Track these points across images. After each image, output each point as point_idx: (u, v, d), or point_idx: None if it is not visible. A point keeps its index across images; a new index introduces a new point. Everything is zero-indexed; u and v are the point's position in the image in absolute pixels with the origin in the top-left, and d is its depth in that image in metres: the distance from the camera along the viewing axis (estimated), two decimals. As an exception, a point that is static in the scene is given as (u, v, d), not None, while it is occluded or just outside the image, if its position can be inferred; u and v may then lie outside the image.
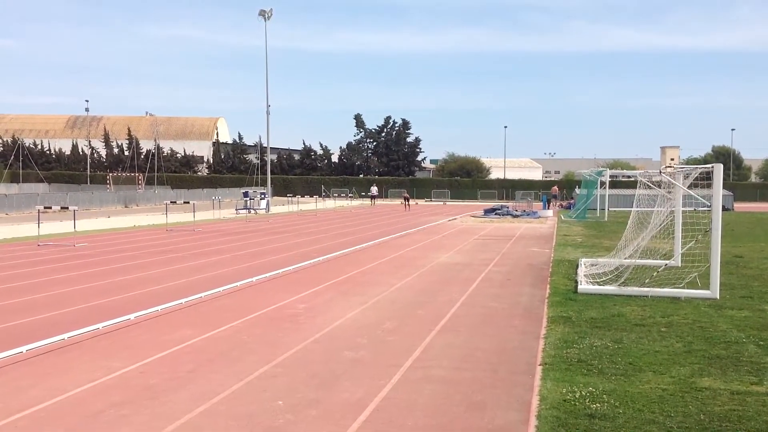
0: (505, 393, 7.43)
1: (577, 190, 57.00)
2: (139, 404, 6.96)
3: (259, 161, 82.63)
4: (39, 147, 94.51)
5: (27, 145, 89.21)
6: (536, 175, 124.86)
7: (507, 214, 42.33)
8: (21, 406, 6.85)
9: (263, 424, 6.45)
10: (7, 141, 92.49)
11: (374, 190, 66.55)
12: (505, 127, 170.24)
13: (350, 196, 67.76)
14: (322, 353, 9.07)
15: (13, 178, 79.94)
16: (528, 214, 42.60)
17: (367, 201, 66.82)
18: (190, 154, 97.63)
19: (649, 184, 17.91)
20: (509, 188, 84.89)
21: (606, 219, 39.85)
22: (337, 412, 6.77)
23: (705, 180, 14.74)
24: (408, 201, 58.40)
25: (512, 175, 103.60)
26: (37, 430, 6.25)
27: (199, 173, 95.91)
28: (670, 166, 16.25)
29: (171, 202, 36.46)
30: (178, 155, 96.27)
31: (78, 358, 8.74)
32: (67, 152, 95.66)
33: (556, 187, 69.14)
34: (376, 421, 6.54)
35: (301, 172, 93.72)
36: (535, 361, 8.65)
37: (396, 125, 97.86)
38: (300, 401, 7.09)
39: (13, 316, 11.21)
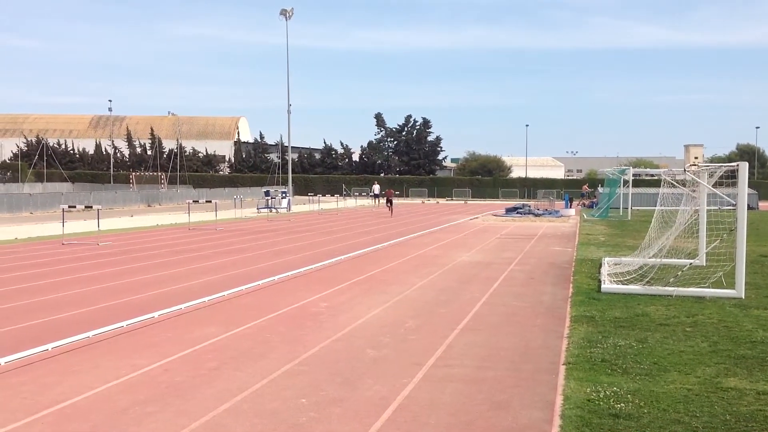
0: (529, 392, 7.40)
1: (600, 189, 56.65)
2: (164, 401, 7.01)
3: (280, 160, 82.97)
4: (63, 147, 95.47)
5: (51, 144, 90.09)
6: (558, 173, 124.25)
7: (529, 213, 42.16)
8: (47, 402, 6.92)
9: (287, 421, 6.47)
10: (31, 141, 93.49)
11: (377, 188, 65.42)
12: (527, 125, 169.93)
13: (371, 196, 67.69)
14: (345, 351, 9.08)
15: (38, 178, 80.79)
16: (550, 213, 42.40)
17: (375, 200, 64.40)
18: (212, 153, 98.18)
19: (673, 182, 17.75)
20: (531, 187, 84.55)
21: (629, 218, 39.58)
22: (360, 410, 6.77)
23: (729, 178, 14.59)
24: (392, 203, 45.58)
25: (534, 173, 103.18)
26: (64, 426, 6.31)
27: (220, 172, 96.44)
28: (695, 165, 16.11)
29: (193, 201, 36.68)
30: (199, 154, 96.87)
31: (103, 355, 8.82)
32: (91, 152, 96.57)
33: (587, 186, 68.79)
34: (399, 419, 6.54)
35: (321, 171, 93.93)
36: (559, 360, 8.61)
37: (417, 124, 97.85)
38: (323, 399, 7.11)
39: (39, 313, 11.33)
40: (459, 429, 6.33)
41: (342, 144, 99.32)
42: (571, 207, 48.41)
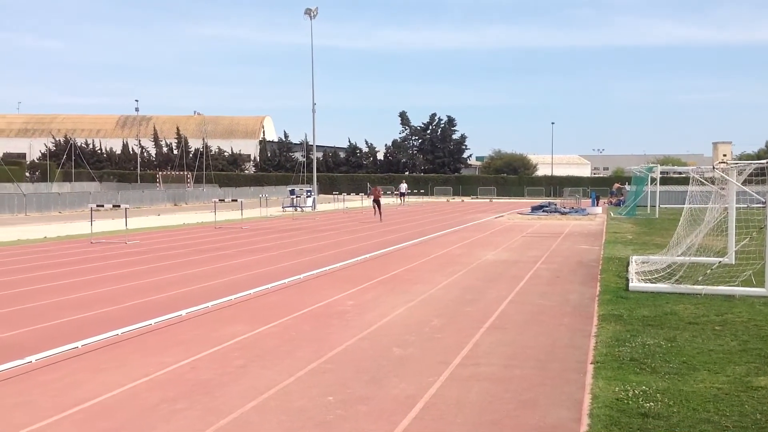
0: (556, 391, 7.36)
1: (626, 187, 56.17)
2: (192, 399, 7.05)
3: (305, 159, 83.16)
4: (90, 146, 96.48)
5: (79, 144, 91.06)
6: (584, 171, 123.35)
7: (555, 212, 41.88)
8: (77, 399, 6.99)
9: (314, 419, 6.48)
10: (59, 140, 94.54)
11: (403, 187, 65.49)
12: (553, 123, 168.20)
13: (398, 194, 67.61)
14: (371, 350, 9.08)
15: (66, 177, 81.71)
16: (576, 211, 42.10)
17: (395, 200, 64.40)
18: (237, 152, 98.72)
19: (701, 180, 17.56)
20: (557, 185, 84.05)
21: (656, 216, 39.21)
22: (387, 409, 6.77)
23: (759, 176, 14.41)
24: (379, 205, 38.09)
25: (560, 171, 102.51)
26: (93, 424, 6.37)
27: (245, 171, 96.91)
28: (724, 162, 15.89)
29: (219, 200, 36.94)
30: (225, 154, 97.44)
31: (131, 353, 8.90)
32: (118, 151, 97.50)
33: (618, 184, 68.29)
34: (426, 417, 6.53)
35: (346, 170, 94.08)
36: (586, 359, 8.55)
37: (441, 122, 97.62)
38: (350, 397, 7.12)
39: (69, 311, 11.46)
40: (486, 428, 6.30)
41: (367, 143, 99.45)
42: (598, 205, 48.03)
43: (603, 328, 10.12)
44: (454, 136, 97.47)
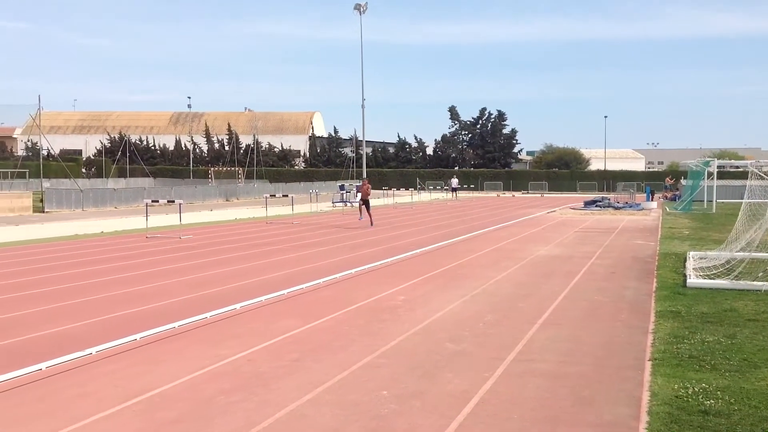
0: (614, 388, 7.25)
1: (682, 181, 55.08)
2: (248, 391, 7.13)
3: (354, 154, 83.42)
4: (144, 143, 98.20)
5: (133, 141, 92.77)
6: (638, 166, 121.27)
7: (608, 206, 41.26)
8: (137, 390, 7.12)
9: (369, 413, 6.50)
10: (114, 137, 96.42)
11: (455, 182, 65.23)
12: (605, 117, 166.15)
13: (446, 189, 67.39)
14: (424, 345, 9.07)
15: (121, 173, 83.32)
16: (630, 206, 41.41)
17: (447, 194, 64.17)
18: (287, 148, 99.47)
19: (761, 174, 17.12)
20: (610, 180, 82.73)
21: (713, 211, 38.36)
22: (441, 404, 6.75)
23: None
24: (368, 205, 29.31)
25: (613, 166, 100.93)
26: (153, 414, 6.48)
27: (295, 167, 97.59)
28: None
29: (270, 196, 37.21)
30: (275, 149, 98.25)
31: (188, 345, 9.03)
32: (171, 147, 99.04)
33: (670, 178, 67.11)
34: (481, 413, 6.49)
35: (395, 165, 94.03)
36: (644, 356, 8.41)
37: (491, 117, 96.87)
38: (404, 392, 7.11)
39: (127, 304, 11.69)
40: (543, 424, 6.24)
41: (416, 138, 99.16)
42: (652, 200, 47.19)
43: (660, 325, 9.95)
44: (505, 131, 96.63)
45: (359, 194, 27.81)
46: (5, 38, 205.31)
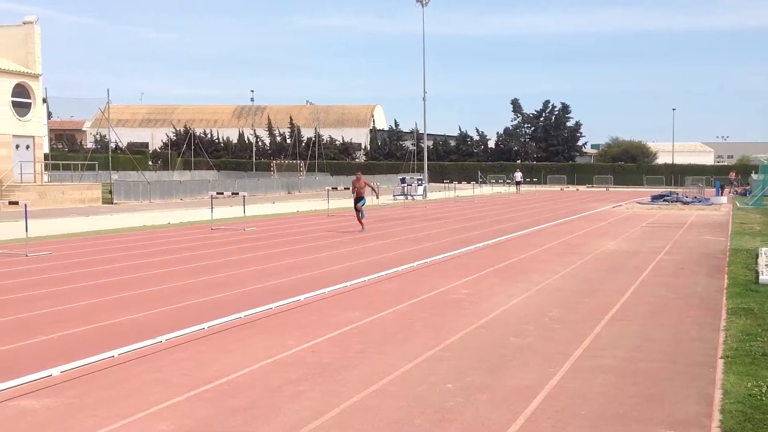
0: (685, 385, 7.08)
1: (753, 176, 53.46)
2: (314, 381, 7.19)
3: (415, 148, 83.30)
4: (208, 136, 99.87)
5: (197, 134, 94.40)
6: (707, 159, 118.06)
7: (676, 201, 40.33)
8: (207, 378, 7.25)
9: (434, 405, 6.48)
10: (179, 130, 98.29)
11: (518, 175, 64.49)
12: (674, 109, 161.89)
13: (508, 182, 66.75)
14: (488, 339, 9.01)
15: (186, 166, 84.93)
16: (699, 201, 40.40)
17: (509, 188, 63.53)
18: (348, 141, 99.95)
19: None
20: (678, 174, 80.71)
21: (786, 206, 37.16)
22: (507, 398, 6.69)
23: None
24: (360, 210, 23.58)
25: (681, 159, 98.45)
26: (224, 401, 6.59)
27: (356, 160, 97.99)
28: None
29: (332, 188, 37.48)
30: (336, 142, 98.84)
31: (254, 335, 9.16)
32: (234, 140, 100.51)
33: (734, 172, 65.27)
34: (548, 408, 6.41)
35: (456, 158, 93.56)
36: (716, 353, 8.19)
37: (555, 109, 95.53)
38: (469, 385, 7.08)
39: (194, 294, 11.91)
40: (612, 421, 6.13)
41: (477, 131, 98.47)
42: (722, 194, 45.94)
43: (732, 322, 9.68)
44: (569, 124, 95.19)
45: (355, 193, 23.40)
46: (76, 33, 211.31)
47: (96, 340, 8.76)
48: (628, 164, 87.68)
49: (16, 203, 21.36)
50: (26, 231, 18.02)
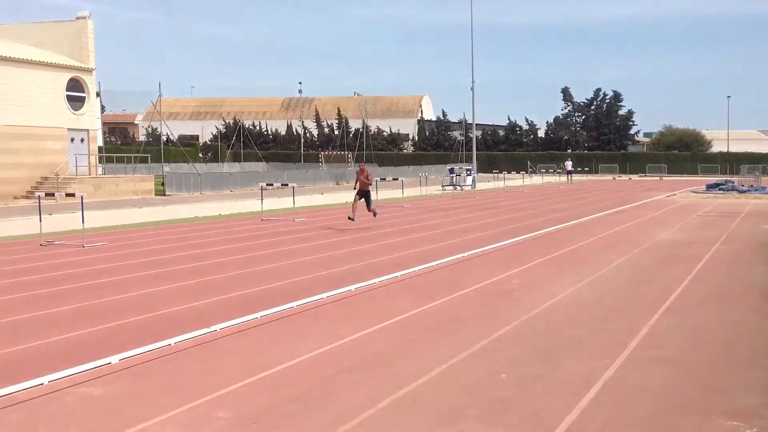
0: (744, 376, 6.94)
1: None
2: (367, 370, 7.22)
3: (463, 138, 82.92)
4: (257, 128, 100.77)
5: (246, 126, 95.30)
6: (764, 147, 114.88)
7: (732, 190, 39.46)
8: (262, 366, 7.32)
9: (489, 395, 6.45)
10: (229, 123, 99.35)
11: (569, 165, 63.63)
12: (729, 96, 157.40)
13: (558, 172, 65.95)
14: (542, 329, 8.93)
15: (235, 158, 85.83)
16: (756, 190, 39.46)
17: (559, 178, 62.64)
18: (396, 132, 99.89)
19: None
20: (733, 162, 78.82)
21: None
22: (563, 388, 6.63)
23: None
24: (369, 198, 22.19)
25: (736, 147, 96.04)
26: (279, 389, 6.65)
27: (404, 151, 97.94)
28: None
29: (380, 179, 37.45)
30: (384, 133, 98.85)
31: (307, 325, 9.23)
32: (282, 132, 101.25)
33: None
34: (605, 399, 6.33)
35: (505, 148, 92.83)
36: (777, 345, 8.00)
37: (606, 98, 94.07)
38: (523, 375, 7.03)
39: (247, 284, 12.04)
40: (670, 412, 6.03)
41: (527, 120, 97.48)
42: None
43: (794, 313, 9.45)
44: (621, 112, 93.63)
45: (358, 185, 22.15)
46: (129, 28, 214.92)
47: (153, 329, 8.91)
48: (682, 153, 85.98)
49: (73, 195, 21.86)
50: (83, 222, 18.42)
